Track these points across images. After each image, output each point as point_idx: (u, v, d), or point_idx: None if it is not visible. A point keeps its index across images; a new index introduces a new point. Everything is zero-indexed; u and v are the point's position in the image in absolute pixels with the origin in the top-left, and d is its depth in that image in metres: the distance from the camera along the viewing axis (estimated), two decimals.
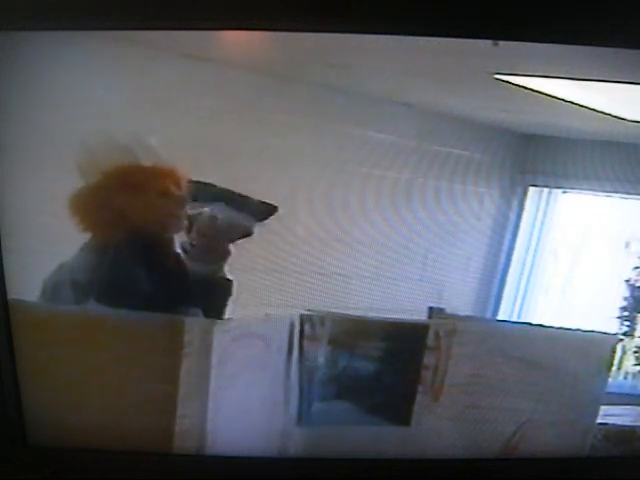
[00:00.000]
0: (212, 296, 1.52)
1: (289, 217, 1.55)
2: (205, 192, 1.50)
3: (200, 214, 1.52)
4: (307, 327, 1.48)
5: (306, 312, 1.50)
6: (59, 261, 1.47)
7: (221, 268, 1.54)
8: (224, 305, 1.52)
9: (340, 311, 1.54)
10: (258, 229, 1.53)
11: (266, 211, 1.52)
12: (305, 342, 1.49)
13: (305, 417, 1.50)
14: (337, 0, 1.31)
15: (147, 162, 1.47)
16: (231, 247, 1.53)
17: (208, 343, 1.43)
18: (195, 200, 1.51)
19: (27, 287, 1.44)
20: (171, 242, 1.53)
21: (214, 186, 1.50)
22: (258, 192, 1.52)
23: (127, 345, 1.45)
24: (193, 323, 1.44)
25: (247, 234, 1.53)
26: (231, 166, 1.53)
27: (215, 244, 1.53)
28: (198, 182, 1.50)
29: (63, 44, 1.39)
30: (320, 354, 1.50)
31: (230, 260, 1.54)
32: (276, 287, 1.55)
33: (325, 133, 1.59)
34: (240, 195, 1.51)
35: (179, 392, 1.43)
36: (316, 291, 1.54)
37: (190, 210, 1.51)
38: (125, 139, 1.46)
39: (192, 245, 1.53)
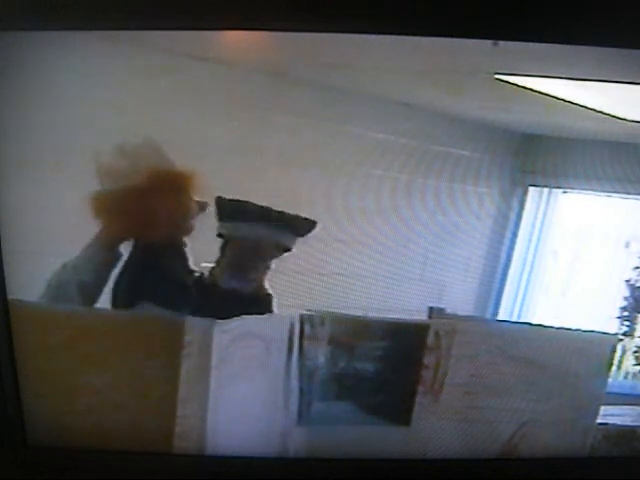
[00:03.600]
0: (252, 310, 1.52)
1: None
2: (244, 210, 1.50)
3: (243, 237, 1.52)
4: (307, 327, 1.48)
5: (306, 312, 1.50)
6: (59, 261, 1.47)
7: (261, 283, 1.54)
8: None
9: (340, 311, 1.54)
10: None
11: (307, 227, 1.52)
12: (305, 342, 1.49)
13: (305, 417, 1.50)
14: (337, 0, 1.31)
15: (161, 163, 1.47)
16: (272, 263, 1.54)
17: (208, 343, 1.43)
18: (234, 219, 1.51)
19: (27, 287, 1.44)
20: (184, 245, 1.53)
21: (252, 204, 1.50)
22: (258, 192, 1.52)
23: (127, 345, 1.45)
24: (193, 323, 1.44)
25: (287, 250, 1.53)
26: (231, 166, 1.53)
27: (256, 262, 1.53)
28: (237, 201, 1.49)
29: (63, 44, 1.39)
30: (320, 354, 1.50)
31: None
32: (276, 287, 1.55)
33: (325, 133, 1.59)
34: (278, 212, 1.51)
35: (179, 392, 1.43)
36: (316, 291, 1.54)
37: (230, 231, 1.52)
38: (127, 139, 1.46)
39: (233, 260, 1.53)
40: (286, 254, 1.54)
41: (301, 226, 1.52)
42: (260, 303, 1.53)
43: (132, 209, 1.49)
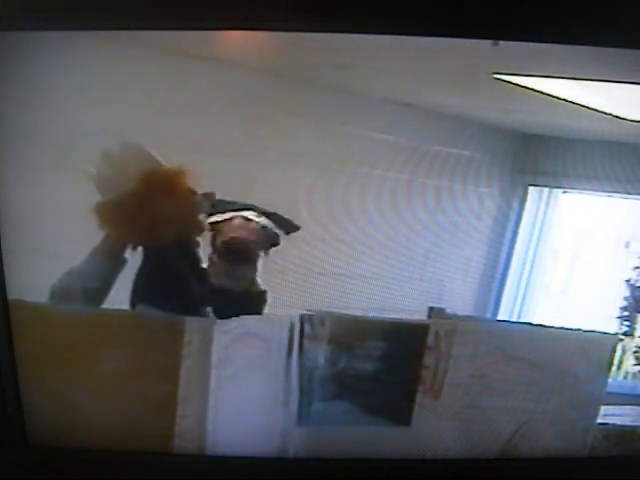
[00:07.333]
0: (247, 307, 1.52)
1: (289, 217, 1.55)
2: (233, 205, 1.51)
3: (232, 218, 1.52)
4: (307, 327, 1.48)
5: (306, 312, 1.50)
6: (60, 262, 1.47)
7: (254, 280, 1.54)
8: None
9: (340, 311, 1.54)
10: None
11: (291, 226, 1.53)
12: (305, 342, 1.49)
13: (305, 417, 1.50)
14: (337, 0, 1.31)
15: (152, 166, 1.47)
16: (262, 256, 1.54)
17: (208, 343, 1.43)
18: (224, 211, 1.52)
19: (27, 287, 1.44)
20: (197, 246, 1.53)
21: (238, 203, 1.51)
22: (258, 192, 1.53)
23: (127, 345, 1.45)
24: (193, 323, 1.44)
25: (276, 243, 1.53)
26: (231, 166, 1.53)
27: (246, 249, 1.53)
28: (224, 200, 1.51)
29: (63, 44, 1.39)
30: (320, 354, 1.50)
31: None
32: (276, 287, 1.55)
33: (325, 133, 1.59)
34: (266, 210, 1.52)
35: (179, 392, 1.43)
36: (316, 291, 1.54)
37: (220, 217, 1.52)
38: (128, 140, 1.46)
39: (222, 254, 1.53)
40: (274, 249, 1.54)
41: (286, 224, 1.53)
42: (254, 300, 1.53)
43: (134, 215, 1.48)
